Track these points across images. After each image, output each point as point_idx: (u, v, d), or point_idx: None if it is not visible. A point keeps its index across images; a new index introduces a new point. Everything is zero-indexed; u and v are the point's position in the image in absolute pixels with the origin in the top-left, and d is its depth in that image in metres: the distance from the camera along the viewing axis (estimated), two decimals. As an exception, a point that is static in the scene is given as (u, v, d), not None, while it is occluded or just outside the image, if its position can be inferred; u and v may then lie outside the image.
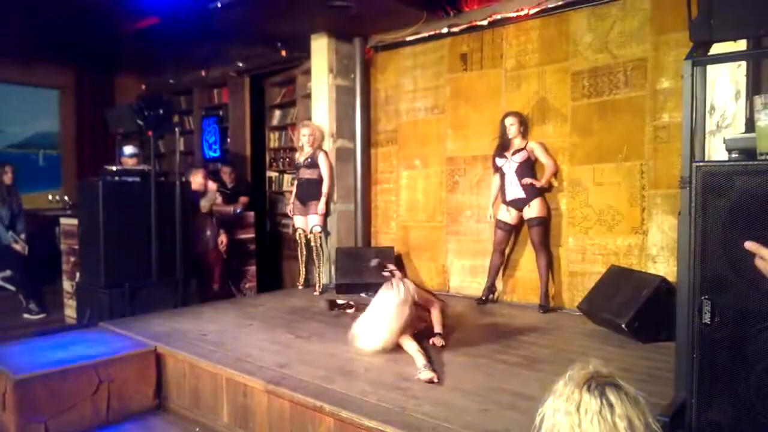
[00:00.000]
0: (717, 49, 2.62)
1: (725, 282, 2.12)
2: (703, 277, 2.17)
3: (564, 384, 1.27)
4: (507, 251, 4.92)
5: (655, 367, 3.10)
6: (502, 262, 4.86)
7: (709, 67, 3.05)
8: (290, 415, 2.82)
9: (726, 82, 3.57)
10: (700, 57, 2.39)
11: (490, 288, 4.85)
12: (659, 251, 4.16)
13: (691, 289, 2.21)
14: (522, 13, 4.76)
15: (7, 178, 5.90)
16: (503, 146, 4.70)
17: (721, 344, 2.13)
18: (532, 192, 4.56)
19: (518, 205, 4.63)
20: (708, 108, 3.46)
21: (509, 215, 4.69)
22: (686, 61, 2.39)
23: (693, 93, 2.40)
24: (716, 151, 3.39)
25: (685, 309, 2.29)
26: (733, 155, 2.30)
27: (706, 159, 2.77)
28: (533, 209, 4.56)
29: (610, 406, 1.19)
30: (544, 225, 4.59)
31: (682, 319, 2.34)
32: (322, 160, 5.43)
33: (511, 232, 4.80)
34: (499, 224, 4.75)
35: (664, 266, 4.07)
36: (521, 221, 4.70)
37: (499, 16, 4.86)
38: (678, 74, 3.80)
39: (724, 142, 2.35)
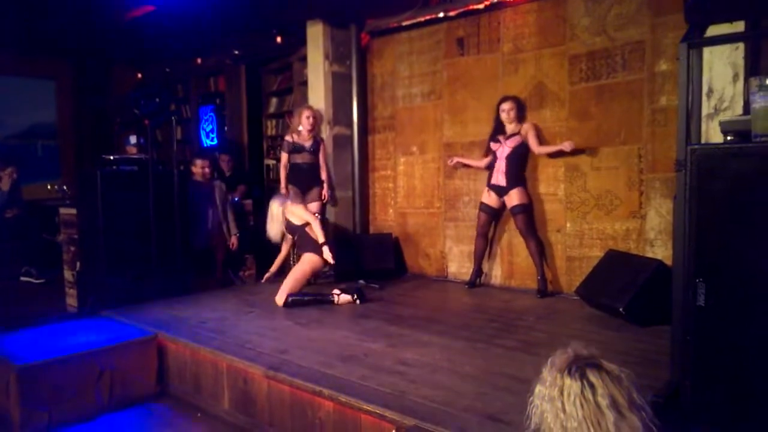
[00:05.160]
0: (714, 30, 2.62)
1: (720, 264, 2.14)
2: (698, 260, 2.18)
3: (547, 371, 1.29)
4: (506, 237, 4.95)
5: (652, 350, 3.13)
6: (486, 246, 4.92)
7: (707, 49, 3.05)
8: (290, 401, 2.85)
9: (724, 64, 3.55)
10: (695, 39, 2.38)
11: (477, 272, 4.92)
12: (657, 235, 4.17)
13: (686, 271, 2.23)
14: (519, -3, 4.72)
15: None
16: (498, 130, 4.72)
17: (716, 326, 2.15)
18: (514, 181, 4.62)
19: (498, 191, 4.69)
20: (706, 91, 3.46)
21: (490, 198, 4.75)
22: (681, 44, 2.38)
23: (689, 76, 2.40)
24: (715, 134, 3.38)
25: (680, 292, 2.31)
26: (729, 138, 2.30)
27: (703, 142, 2.78)
28: (513, 197, 4.61)
29: (592, 386, 1.21)
30: (528, 212, 4.63)
31: (677, 301, 2.36)
32: (321, 147, 5.42)
33: (494, 215, 4.86)
34: (482, 207, 4.82)
35: (663, 250, 4.08)
36: (503, 205, 4.76)
37: (495, 0, 4.82)
38: (676, 57, 3.77)
39: (720, 125, 2.35)
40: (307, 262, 4.50)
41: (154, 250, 4.69)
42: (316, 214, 5.27)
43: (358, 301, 4.30)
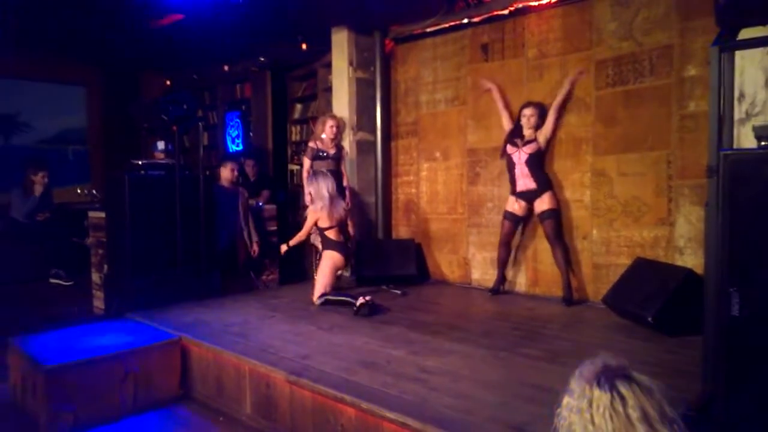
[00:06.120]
0: (746, 34, 2.55)
1: (754, 273, 2.07)
2: (731, 269, 2.12)
3: (575, 381, 1.25)
4: (531, 243, 4.89)
5: (682, 361, 3.04)
6: (509, 255, 4.86)
7: (738, 54, 2.97)
8: (312, 406, 2.84)
9: (756, 68, 3.46)
10: (727, 43, 2.33)
11: (501, 279, 4.87)
12: (687, 243, 4.08)
13: (719, 280, 2.16)
14: (544, 2, 4.68)
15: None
16: (516, 132, 4.67)
17: (750, 337, 2.08)
18: (544, 184, 4.56)
19: (529, 197, 4.62)
20: (737, 95, 3.37)
21: (518, 207, 4.68)
22: (713, 48, 2.32)
23: (720, 80, 2.34)
24: (746, 140, 3.30)
25: (712, 301, 2.25)
26: (763, 143, 2.23)
27: (734, 147, 2.70)
28: (545, 201, 4.54)
29: (622, 398, 1.18)
30: (556, 217, 4.56)
31: (709, 311, 2.29)
32: (343, 154, 5.44)
33: (519, 224, 4.79)
34: (507, 215, 4.75)
35: (692, 258, 3.98)
36: (529, 213, 4.71)
37: (520, 5, 4.78)
38: (705, 61, 3.70)
39: (753, 130, 2.28)
40: (329, 258, 4.66)
41: (179, 254, 4.75)
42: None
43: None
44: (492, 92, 4.97)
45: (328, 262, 4.65)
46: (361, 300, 4.20)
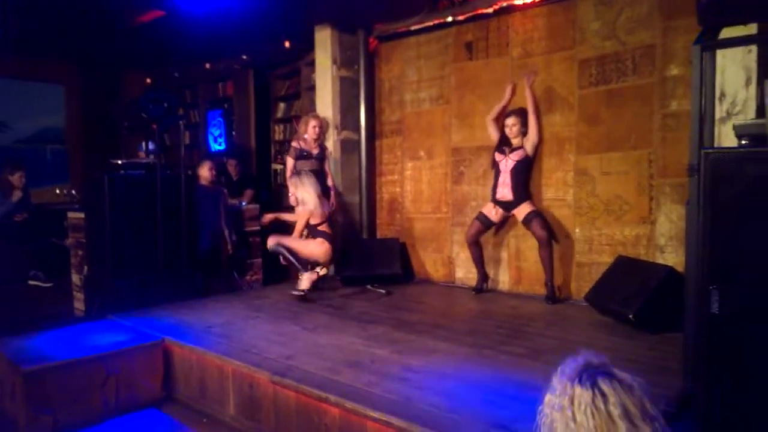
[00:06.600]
0: (727, 33, 2.58)
1: (734, 271, 2.09)
2: (712, 267, 2.14)
3: (557, 379, 1.25)
4: (514, 242, 4.91)
5: (662, 357, 3.08)
6: (481, 252, 4.87)
7: (720, 53, 3.01)
8: (296, 406, 2.82)
9: (737, 67, 3.50)
10: (708, 42, 2.35)
11: (483, 277, 4.90)
12: (668, 241, 4.12)
13: (699, 278, 2.18)
14: (528, 0, 4.69)
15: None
16: (504, 141, 4.69)
17: (729, 334, 2.10)
18: (521, 196, 4.57)
19: (505, 207, 4.65)
20: (718, 95, 3.41)
21: (494, 213, 4.70)
22: (695, 46, 2.35)
23: (702, 79, 2.36)
24: (726, 139, 3.34)
25: (693, 299, 2.27)
26: (743, 142, 2.26)
27: (715, 146, 2.73)
28: (524, 208, 4.55)
29: (603, 395, 1.18)
30: (541, 216, 4.55)
31: (690, 308, 2.32)
32: (326, 154, 5.41)
33: (489, 228, 4.81)
34: (480, 217, 4.76)
35: (673, 256, 4.03)
36: (503, 220, 4.77)
37: (505, 4, 4.78)
38: (687, 61, 3.74)
39: (734, 129, 2.31)
40: (318, 243, 4.76)
41: (161, 254, 4.69)
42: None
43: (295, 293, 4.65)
44: (509, 90, 4.78)
45: (314, 246, 4.75)
46: (309, 274, 4.60)
